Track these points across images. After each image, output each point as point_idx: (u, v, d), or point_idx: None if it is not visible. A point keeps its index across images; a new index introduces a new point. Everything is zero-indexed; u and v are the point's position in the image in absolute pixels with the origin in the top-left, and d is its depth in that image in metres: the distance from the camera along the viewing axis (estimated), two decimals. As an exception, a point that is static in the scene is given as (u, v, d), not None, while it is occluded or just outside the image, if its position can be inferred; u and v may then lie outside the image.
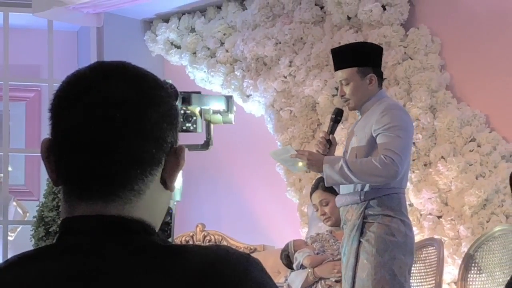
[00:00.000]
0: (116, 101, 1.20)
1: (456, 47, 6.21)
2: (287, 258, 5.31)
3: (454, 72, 6.21)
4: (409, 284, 4.28)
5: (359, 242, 4.19)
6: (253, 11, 7.12)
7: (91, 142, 1.19)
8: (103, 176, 1.20)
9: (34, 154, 7.61)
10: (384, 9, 6.41)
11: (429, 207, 5.95)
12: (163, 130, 1.23)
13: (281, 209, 6.99)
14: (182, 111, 2.91)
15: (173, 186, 1.28)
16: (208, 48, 7.49)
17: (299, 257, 5.13)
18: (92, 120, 1.19)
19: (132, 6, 7.32)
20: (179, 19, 7.71)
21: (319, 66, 6.70)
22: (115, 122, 1.19)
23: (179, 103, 2.86)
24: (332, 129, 4.44)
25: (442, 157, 5.95)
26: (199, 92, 3.05)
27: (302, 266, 5.12)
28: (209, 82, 7.47)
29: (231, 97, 3.15)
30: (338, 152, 4.83)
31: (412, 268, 4.30)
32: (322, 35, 6.78)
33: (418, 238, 5.73)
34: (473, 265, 5.26)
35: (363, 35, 6.47)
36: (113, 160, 1.19)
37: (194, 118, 2.95)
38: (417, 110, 6.06)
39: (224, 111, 3.07)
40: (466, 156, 5.88)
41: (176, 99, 2.79)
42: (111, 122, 1.19)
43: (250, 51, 7.06)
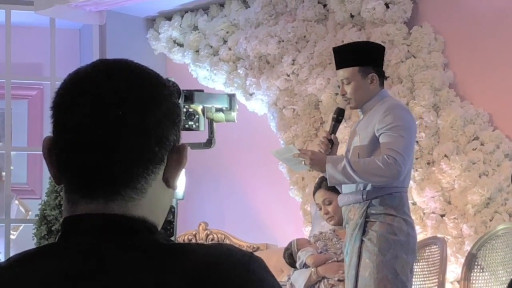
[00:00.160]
0: (118, 99, 1.19)
1: (459, 45, 6.21)
2: (290, 257, 5.31)
3: (457, 71, 6.21)
4: (411, 283, 4.28)
5: (362, 241, 4.19)
6: (256, 9, 7.11)
7: (93, 140, 1.18)
8: (105, 174, 1.19)
9: (37, 152, 7.60)
10: (387, 7, 6.40)
11: (432, 205, 5.94)
12: (166, 129, 1.22)
13: (284, 208, 6.99)
14: (184, 109, 2.90)
15: (176, 185, 1.27)
16: (211, 46, 7.48)
17: (302, 256, 5.13)
18: (94, 118, 1.18)
19: (134, 4, 7.32)
20: (182, 17, 7.70)
21: (322, 65, 6.69)
22: (117, 120, 1.18)
23: (181, 101, 2.86)
24: (334, 129, 4.43)
25: (445, 155, 5.95)
26: (201, 90, 3.05)
27: (305, 265, 5.12)
28: (212, 80, 7.46)
29: (234, 95, 3.15)
30: (341, 151, 4.82)
31: (415, 267, 4.30)
32: (325, 33, 6.78)
33: (421, 236, 5.73)
34: (476, 263, 5.25)
35: (366, 33, 6.47)
36: (115, 159, 1.19)
37: (197, 116, 2.95)
38: (420, 109, 6.06)
39: (226, 109, 3.07)
40: (469, 155, 5.88)
41: (179, 97, 2.78)
42: (113, 120, 1.18)
43: (253, 49, 7.05)
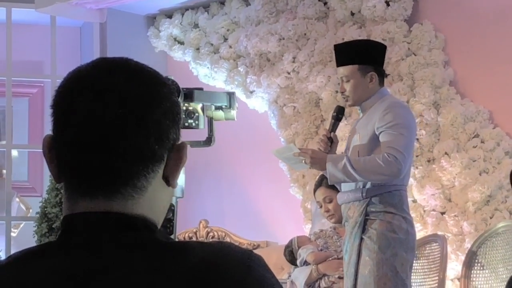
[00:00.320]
0: (118, 97, 1.19)
1: (459, 43, 6.20)
2: (290, 255, 5.31)
3: (457, 68, 6.20)
4: (410, 281, 4.29)
5: (361, 239, 4.19)
6: (257, 7, 7.11)
7: (93, 139, 1.18)
8: (105, 173, 1.19)
9: (37, 150, 7.60)
10: (388, 5, 6.40)
11: (433, 203, 5.94)
12: (166, 127, 1.22)
13: (284, 205, 6.99)
14: (184, 108, 2.90)
15: (176, 183, 1.28)
16: (212, 44, 7.48)
17: (302, 254, 5.13)
18: (94, 117, 1.18)
19: (135, 2, 7.31)
20: (183, 14, 7.70)
21: (323, 62, 6.69)
22: (117, 119, 1.18)
23: (181, 99, 2.86)
24: (334, 127, 4.43)
25: (446, 153, 5.95)
26: (201, 89, 3.05)
27: (305, 263, 5.12)
28: (213, 78, 7.46)
29: (234, 93, 3.14)
30: (341, 149, 4.82)
31: (415, 264, 4.30)
32: (325, 31, 6.77)
33: (421, 234, 5.73)
34: (477, 261, 5.25)
35: (367, 31, 6.46)
36: (115, 157, 1.19)
37: (196, 114, 2.95)
38: (420, 106, 6.06)
39: (226, 107, 3.07)
40: (470, 152, 5.88)
41: (178, 95, 2.78)
42: (113, 119, 1.18)
43: (253, 47, 7.05)
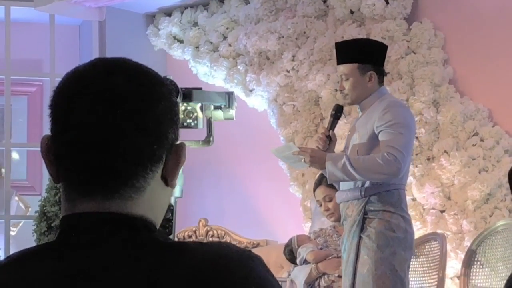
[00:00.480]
0: (117, 97, 1.19)
1: (459, 41, 6.20)
2: (290, 253, 5.31)
3: (457, 66, 6.21)
4: (409, 279, 4.30)
5: (360, 237, 4.19)
6: (256, 5, 7.11)
7: (91, 139, 1.18)
8: (103, 173, 1.19)
9: (36, 148, 7.59)
10: (387, 3, 6.40)
11: (432, 201, 5.94)
12: (164, 127, 1.22)
13: (284, 204, 6.99)
14: (183, 108, 2.90)
15: (174, 183, 1.27)
16: (211, 43, 7.48)
17: (302, 252, 5.13)
18: (92, 117, 1.18)
19: (134, 0, 7.31)
20: (182, 13, 7.70)
21: (322, 61, 6.69)
22: (116, 119, 1.18)
23: (180, 99, 2.86)
24: (332, 125, 4.44)
25: (445, 151, 5.95)
26: (200, 88, 3.05)
27: (305, 261, 5.12)
28: (212, 76, 7.46)
29: (232, 93, 3.15)
30: (340, 147, 4.82)
31: (415, 263, 4.30)
32: (325, 29, 6.77)
33: (421, 232, 5.73)
34: (476, 259, 5.25)
35: (366, 29, 6.46)
36: (113, 157, 1.19)
37: (195, 114, 2.95)
38: (420, 105, 6.06)
39: (225, 107, 3.07)
40: (469, 151, 5.88)
41: (177, 95, 2.78)
42: (112, 119, 1.18)
43: (253, 45, 7.05)
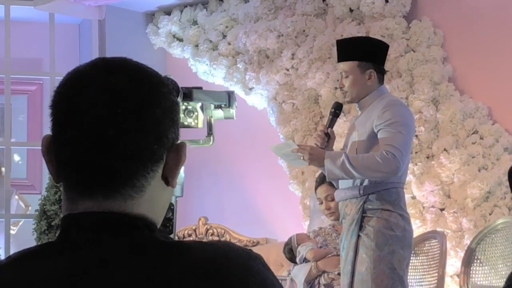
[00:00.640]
0: (117, 97, 1.19)
1: (458, 39, 6.20)
2: (290, 252, 5.31)
3: (456, 64, 6.21)
4: (407, 277, 4.30)
5: (358, 236, 4.20)
6: (255, 4, 7.11)
7: (92, 139, 1.18)
8: (104, 172, 1.19)
9: (36, 147, 7.60)
10: (387, 1, 6.40)
11: (432, 199, 5.94)
12: (165, 127, 1.22)
13: (283, 202, 6.99)
14: (183, 107, 2.90)
15: (175, 183, 1.27)
16: (210, 41, 7.48)
17: (302, 251, 5.13)
18: (93, 117, 1.18)
19: (133, -1, 7.32)
20: (181, 11, 7.69)
21: (322, 59, 6.69)
22: (116, 119, 1.18)
23: (180, 99, 2.86)
24: (331, 123, 4.44)
25: (445, 149, 5.95)
26: (200, 88, 3.05)
27: (305, 260, 5.12)
28: (212, 75, 7.46)
29: (233, 92, 3.15)
30: (339, 145, 4.82)
31: (414, 261, 4.30)
32: (324, 27, 6.77)
33: (420, 230, 5.74)
34: (476, 257, 5.26)
35: (366, 28, 6.46)
36: (114, 157, 1.19)
37: (196, 113, 2.95)
38: (419, 103, 6.06)
39: (225, 106, 3.07)
40: (469, 149, 5.88)
41: (177, 95, 2.78)
42: (112, 119, 1.18)
43: (252, 43, 7.05)
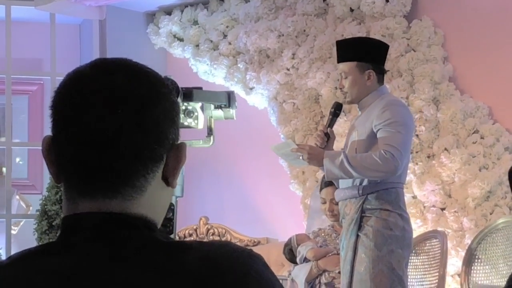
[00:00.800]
0: (117, 98, 1.19)
1: (459, 39, 6.20)
2: (290, 253, 5.31)
3: (457, 64, 6.21)
4: (407, 277, 4.30)
5: (357, 236, 4.20)
6: (256, 3, 7.11)
7: (92, 139, 1.19)
8: (104, 173, 1.19)
9: (37, 147, 7.59)
10: (387, 1, 6.40)
11: (433, 199, 5.94)
12: (165, 127, 1.23)
13: (284, 202, 6.99)
14: (183, 107, 2.90)
15: (175, 183, 1.27)
16: (211, 41, 7.48)
17: (302, 251, 5.14)
18: (93, 117, 1.19)
19: (134, -1, 7.32)
20: (182, 11, 7.70)
21: (322, 59, 6.69)
22: (116, 119, 1.18)
23: (180, 99, 2.86)
24: (331, 123, 4.45)
25: (445, 149, 5.95)
26: (200, 88, 3.05)
27: (305, 259, 5.12)
28: (212, 74, 7.46)
29: (233, 92, 3.15)
30: (339, 145, 4.82)
31: (415, 261, 4.29)
32: (325, 27, 6.77)
33: (421, 230, 5.74)
34: (477, 257, 5.26)
35: (366, 27, 6.46)
36: (114, 157, 1.19)
37: (196, 114, 2.95)
38: (420, 102, 6.06)
39: (225, 106, 3.07)
40: (469, 148, 5.88)
41: (177, 95, 2.78)
42: (112, 119, 1.18)
43: (253, 43, 7.05)
